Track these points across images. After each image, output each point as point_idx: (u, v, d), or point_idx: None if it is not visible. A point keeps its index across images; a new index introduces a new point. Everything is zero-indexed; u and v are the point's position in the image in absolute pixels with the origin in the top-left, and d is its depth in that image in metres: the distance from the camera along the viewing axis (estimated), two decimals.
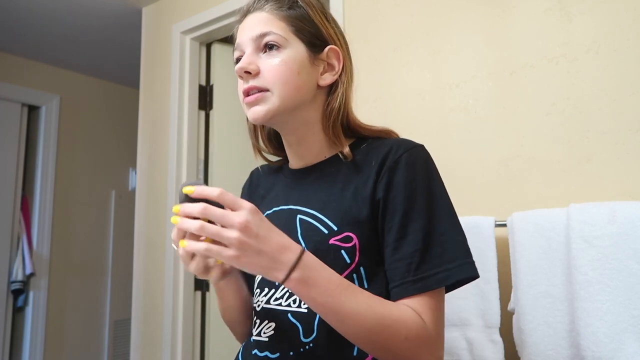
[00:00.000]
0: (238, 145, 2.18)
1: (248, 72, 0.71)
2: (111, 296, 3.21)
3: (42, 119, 3.02)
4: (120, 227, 3.28)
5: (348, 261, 0.68)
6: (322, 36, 0.75)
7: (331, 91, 0.77)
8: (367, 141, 0.76)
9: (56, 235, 3.00)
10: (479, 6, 1.37)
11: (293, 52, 0.72)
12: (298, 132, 0.77)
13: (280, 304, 0.71)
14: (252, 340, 0.75)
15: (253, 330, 0.75)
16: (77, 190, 3.15)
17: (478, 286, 1.15)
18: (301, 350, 0.68)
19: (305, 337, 0.68)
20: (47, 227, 2.95)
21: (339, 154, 0.75)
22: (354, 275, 0.68)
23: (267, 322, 0.72)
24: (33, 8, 2.36)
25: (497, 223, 1.19)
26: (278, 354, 0.69)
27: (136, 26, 2.45)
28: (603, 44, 1.17)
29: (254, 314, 0.76)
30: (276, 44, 0.71)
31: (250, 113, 0.73)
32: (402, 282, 0.65)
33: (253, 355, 0.73)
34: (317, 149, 0.78)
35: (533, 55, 1.27)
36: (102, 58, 2.99)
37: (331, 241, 0.69)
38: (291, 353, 0.68)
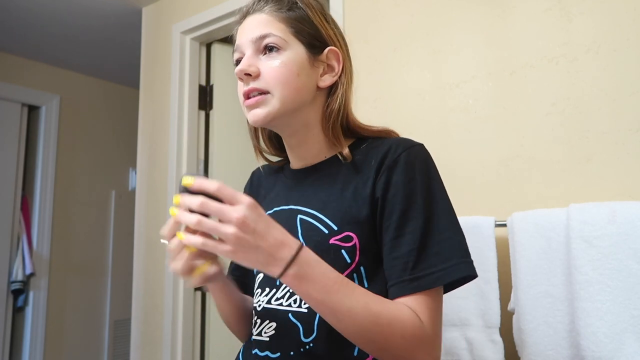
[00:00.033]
0: (238, 145, 2.18)
1: (248, 74, 0.71)
2: (111, 296, 3.21)
3: (42, 119, 3.02)
4: (120, 227, 3.28)
5: (348, 261, 0.68)
6: (322, 37, 0.75)
7: (331, 92, 0.77)
8: (367, 141, 0.76)
9: (56, 235, 3.00)
10: (479, 6, 1.37)
11: (293, 54, 0.72)
12: (298, 134, 0.77)
13: (281, 304, 0.71)
14: (253, 340, 0.75)
15: (253, 330, 0.75)
16: (77, 190, 3.15)
17: (478, 286, 1.15)
18: (301, 350, 0.68)
19: (305, 337, 0.68)
20: (47, 227, 2.95)
21: (339, 155, 0.75)
22: (355, 274, 0.68)
23: (268, 322, 0.72)
24: (33, 8, 2.36)
25: (497, 223, 1.19)
26: (279, 354, 0.69)
27: (136, 26, 2.45)
28: (603, 44, 1.17)
29: (255, 314, 0.76)
30: (276, 46, 0.71)
31: (250, 116, 0.73)
32: (399, 281, 0.65)
33: (253, 355, 0.73)
34: (317, 150, 0.78)
35: (533, 55, 1.27)
36: (102, 58, 2.99)
37: (331, 241, 0.69)
38: (292, 353, 0.68)
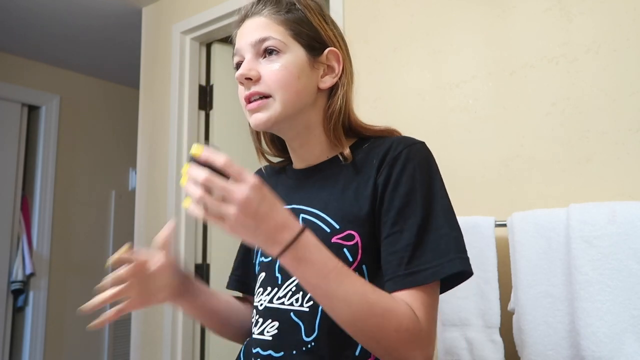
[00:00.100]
0: (238, 145, 2.17)
1: (249, 79, 0.72)
2: None
3: (42, 119, 3.02)
4: (120, 227, 3.28)
5: (350, 259, 0.68)
6: (321, 39, 0.75)
7: (332, 93, 0.77)
8: (369, 141, 0.76)
9: (56, 235, 3.00)
10: (479, 6, 1.37)
11: (293, 57, 0.72)
12: (300, 136, 0.77)
13: (283, 303, 0.71)
14: (254, 339, 0.75)
15: (254, 329, 0.75)
16: (77, 190, 3.15)
17: (478, 286, 1.15)
18: (303, 349, 0.68)
19: (307, 336, 0.68)
20: (47, 227, 2.95)
21: (340, 155, 0.76)
22: (357, 273, 0.68)
23: (271, 322, 0.72)
24: (33, 8, 2.36)
25: (497, 223, 1.19)
26: (282, 353, 0.69)
27: (136, 26, 2.45)
28: (603, 44, 1.17)
29: (256, 313, 0.76)
30: (275, 49, 0.71)
31: (252, 120, 0.73)
32: (394, 276, 0.65)
33: (255, 353, 0.73)
34: (319, 151, 0.78)
35: (533, 55, 1.27)
36: (102, 58, 2.99)
37: (333, 239, 0.69)
38: (294, 352, 0.68)
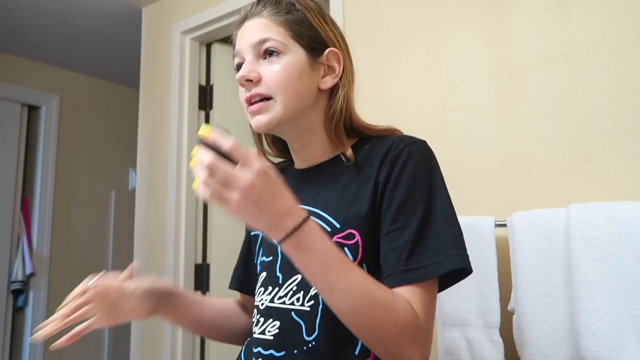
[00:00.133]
0: None
1: (249, 80, 0.72)
2: None
3: (42, 119, 3.02)
4: (120, 227, 3.28)
5: (351, 258, 0.68)
6: (321, 39, 0.75)
7: (333, 94, 0.77)
8: (371, 140, 0.76)
9: (56, 235, 3.00)
10: (479, 6, 1.37)
11: (293, 58, 0.72)
12: (301, 137, 0.77)
13: (284, 302, 0.71)
14: (255, 338, 0.75)
15: (256, 328, 0.75)
16: (77, 190, 3.15)
17: (478, 286, 1.15)
18: (304, 348, 0.68)
19: (307, 336, 0.68)
20: (47, 227, 2.95)
21: (341, 155, 0.76)
22: None
23: (272, 321, 0.72)
24: (33, 8, 2.36)
25: (497, 223, 1.19)
26: (283, 352, 0.69)
27: (136, 26, 2.45)
28: (603, 44, 1.17)
29: (257, 312, 0.76)
30: (276, 50, 0.71)
31: (253, 122, 0.73)
32: (393, 272, 0.65)
33: (256, 353, 0.73)
34: (321, 151, 0.78)
35: (533, 55, 1.27)
36: (102, 58, 2.99)
37: (334, 239, 0.69)
38: (295, 351, 0.68)
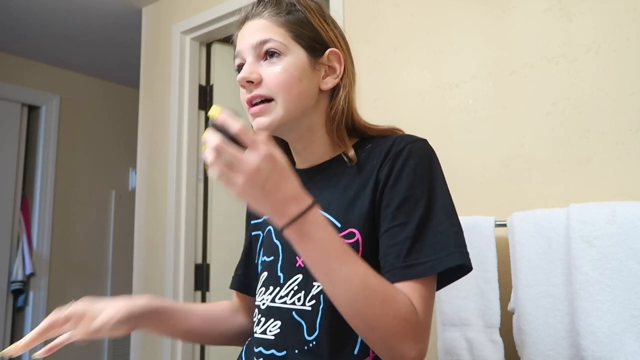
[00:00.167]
0: None
1: (250, 82, 0.72)
2: (111, 296, 3.18)
3: (42, 119, 3.02)
4: (120, 227, 3.28)
5: None
6: (322, 40, 0.75)
7: (334, 94, 0.77)
8: (373, 140, 0.76)
9: (56, 235, 3.00)
10: (479, 6, 1.37)
11: (294, 59, 0.72)
12: (303, 138, 0.78)
13: (285, 302, 0.72)
14: (256, 338, 0.75)
15: (257, 328, 0.75)
16: (77, 190, 3.15)
17: (478, 286, 1.15)
18: (305, 348, 0.68)
19: (309, 335, 0.68)
20: (47, 227, 2.95)
21: (343, 155, 0.76)
22: None
23: (273, 321, 0.72)
24: (33, 8, 2.36)
25: (497, 223, 1.19)
26: (284, 352, 0.70)
27: (136, 26, 2.45)
28: (603, 44, 1.17)
29: (259, 312, 0.76)
30: (277, 51, 0.71)
31: (255, 124, 0.73)
32: (392, 268, 0.64)
33: (258, 353, 0.73)
34: (322, 152, 0.78)
35: (533, 55, 1.26)
36: (102, 58, 2.99)
37: None
38: (296, 351, 0.69)
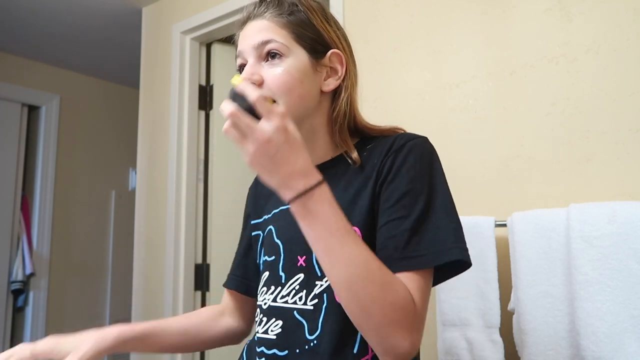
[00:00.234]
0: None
1: (252, 83, 0.72)
2: (111, 296, 3.20)
3: (42, 119, 3.02)
4: (120, 227, 3.28)
5: None
6: (324, 41, 0.75)
7: (336, 96, 0.77)
8: (374, 140, 0.76)
9: (56, 235, 3.00)
10: (479, 6, 1.37)
11: (295, 60, 0.71)
12: (304, 140, 0.77)
13: (286, 302, 0.72)
14: (258, 338, 0.75)
15: (258, 328, 0.75)
16: (77, 190, 3.15)
17: (478, 286, 1.15)
18: (306, 347, 0.68)
19: (310, 335, 0.68)
20: (47, 227, 2.95)
21: (344, 154, 0.76)
22: None
23: (275, 320, 0.73)
24: (33, 8, 2.36)
25: (497, 223, 1.19)
26: (286, 352, 0.70)
27: (136, 26, 2.45)
28: (603, 44, 1.17)
29: (260, 312, 0.76)
30: (278, 53, 0.71)
31: None
32: (389, 259, 0.64)
33: (259, 352, 0.73)
34: (324, 152, 0.78)
35: (533, 55, 1.27)
36: (102, 58, 2.99)
37: None
38: (298, 350, 0.69)
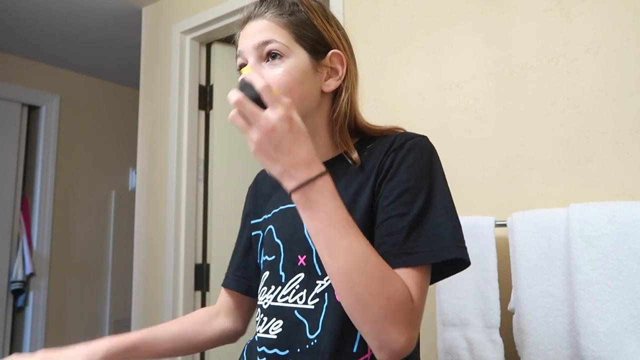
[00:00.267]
0: (238, 145, 2.18)
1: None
2: (111, 296, 3.20)
3: (42, 119, 3.02)
4: (120, 227, 3.28)
5: None
6: (325, 41, 0.75)
7: (336, 96, 0.77)
8: (374, 140, 0.76)
9: (56, 235, 3.00)
10: (479, 6, 1.37)
11: (296, 61, 0.71)
12: None
13: (287, 301, 0.72)
14: (258, 338, 0.75)
15: (259, 327, 0.75)
16: (77, 190, 3.15)
17: (478, 286, 1.15)
18: (307, 346, 0.68)
19: (311, 334, 0.69)
20: (47, 227, 2.95)
21: (344, 155, 0.76)
22: None
23: (275, 320, 0.73)
24: (33, 8, 2.36)
25: (497, 223, 1.19)
26: (287, 351, 0.70)
27: (136, 26, 2.45)
28: (603, 44, 1.17)
29: (261, 312, 0.76)
30: (279, 53, 0.71)
31: None
32: (388, 255, 0.63)
33: (260, 352, 0.73)
34: (324, 152, 0.78)
35: (533, 55, 1.27)
36: (102, 58, 2.99)
37: None
38: (299, 350, 0.69)
